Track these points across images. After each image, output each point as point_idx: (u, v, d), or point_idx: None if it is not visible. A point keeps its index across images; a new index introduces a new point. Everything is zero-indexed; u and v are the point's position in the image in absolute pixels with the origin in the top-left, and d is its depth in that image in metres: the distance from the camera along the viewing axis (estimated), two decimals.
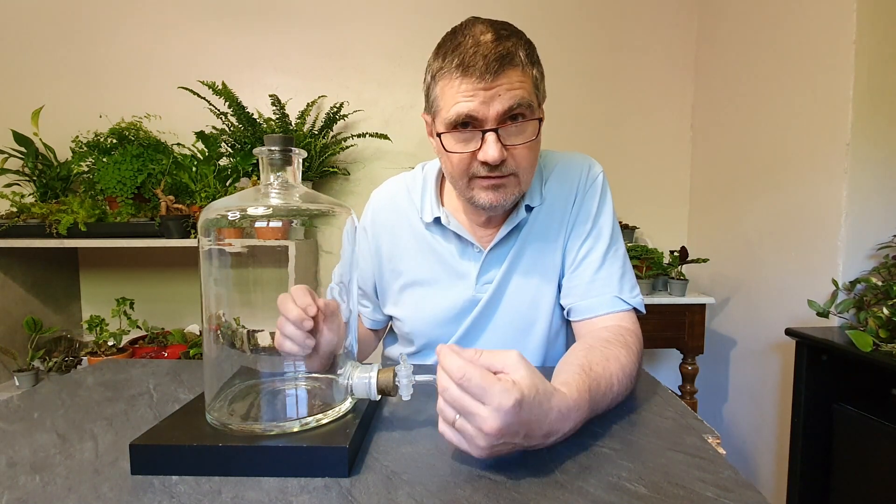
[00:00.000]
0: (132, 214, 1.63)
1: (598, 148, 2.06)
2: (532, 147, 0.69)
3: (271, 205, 0.50)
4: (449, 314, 0.82)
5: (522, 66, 0.66)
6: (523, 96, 0.65)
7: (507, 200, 0.71)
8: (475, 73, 0.63)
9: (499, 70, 0.63)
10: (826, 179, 1.38)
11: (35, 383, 1.62)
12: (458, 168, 0.70)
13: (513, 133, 0.67)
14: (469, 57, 0.64)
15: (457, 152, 0.68)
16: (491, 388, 0.43)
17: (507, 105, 0.64)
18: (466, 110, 0.65)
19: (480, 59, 0.63)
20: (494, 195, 0.70)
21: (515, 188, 0.71)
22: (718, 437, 0.52)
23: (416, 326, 0.85)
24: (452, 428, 0.45)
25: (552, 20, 2.01)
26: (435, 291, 0.83)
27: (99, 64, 1.91)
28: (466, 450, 0.45)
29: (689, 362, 1.76)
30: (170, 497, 0.41)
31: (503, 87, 0.64)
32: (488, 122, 0.65)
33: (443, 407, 0.45)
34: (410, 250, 0.84)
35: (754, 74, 1.70)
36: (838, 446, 1.24)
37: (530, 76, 0.67)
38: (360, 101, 1.96)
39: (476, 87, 0.64)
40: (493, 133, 0.65)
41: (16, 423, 0.56)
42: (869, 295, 1.26)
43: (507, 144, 0.67)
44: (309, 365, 0.55)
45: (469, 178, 0.71)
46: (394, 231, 0.85)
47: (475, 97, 0.64)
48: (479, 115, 0.65)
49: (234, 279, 0.51)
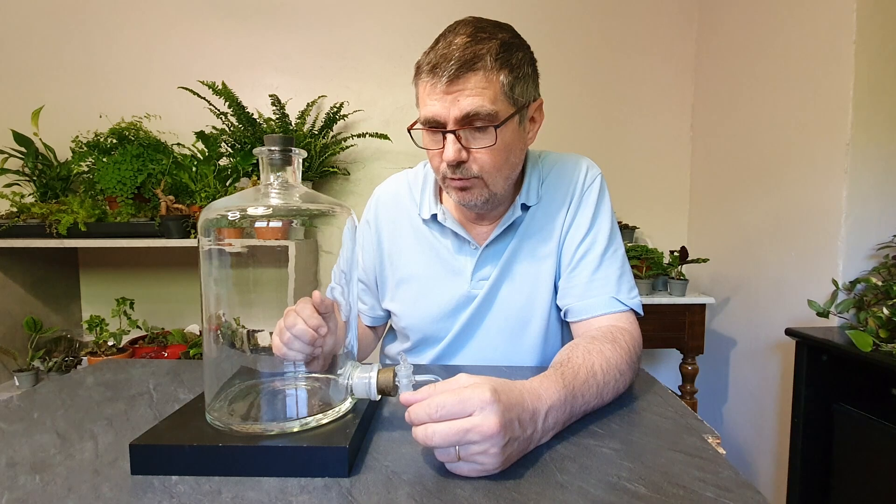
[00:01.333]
0: (132, 214, 1.63)
1: (598, 148, 2.06)
2: (495, 151, 0.69)
3: (271, 205, 0.50)
4: (444, 310, 0.83)
5: (486, 71, 0.66)
6: (482, 104, 0.65)
7: (475, 201, 0.73)
8: (439, 75, 0.66)
9: (458, 74, 0.65)
10: (826, 179, 1.38)
11: (35, 383, 1.62)
12: (433, 164, 0.74)
13: (475, 136, 0.68)
14: (438, 58, 0.66)
15: (428, 149, 0.73)
16: (465, 396, 0.43)
17: (463, 111, 0.65)
18: (431, 113, 0.67)
19: (445, 62, 0.65)
20: (462, 195, 0.73)
21: (483, 190, 0.72)
22: (718, 437, 0.52)
23: (411, 321, 0.86)
24: (461, 462, 0.44)
25: (552, 20, 2.01)
26: (430, 286, 0.83)
27: (99, 64, 1.91)
28: (486, 470, 0.44)
29: (689, 362, 1.76)
30: (170, 497, 0.41)
31: (462, 92, 0.65)
32: (448, 124, 0.67)
33: (440, 453, 0.44)
34: (409, 245, 0.85)
35: (754, 74, 1.70)
36: (838, 446, 1.24)
37: (496, 81, 0.66)
38: (360, 101, 1.96)
39: (439, 89, 0.66)
40: (452, 135, 0.67)
41: (16, 423, 0.56)
42: (869, 295, 1.26)
43: (468, 147, 0.69)
44: (309, 367, 0.56)
45: (442, 175, 0.73)
46: (395, 226, 0.87)
47: (439, 100, 0.67)
48: (440, 117, 0.67)
49: (234, 279, 0.51)
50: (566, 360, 0.60)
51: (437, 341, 0.85)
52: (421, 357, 0.88)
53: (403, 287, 0.86)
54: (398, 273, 0.86)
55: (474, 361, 0.84)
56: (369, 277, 0.91)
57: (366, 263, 0.90)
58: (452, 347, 0.84)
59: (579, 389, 0.55)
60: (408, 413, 0.45)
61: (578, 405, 0.55)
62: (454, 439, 0.43)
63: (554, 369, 0.57)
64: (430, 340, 0.86)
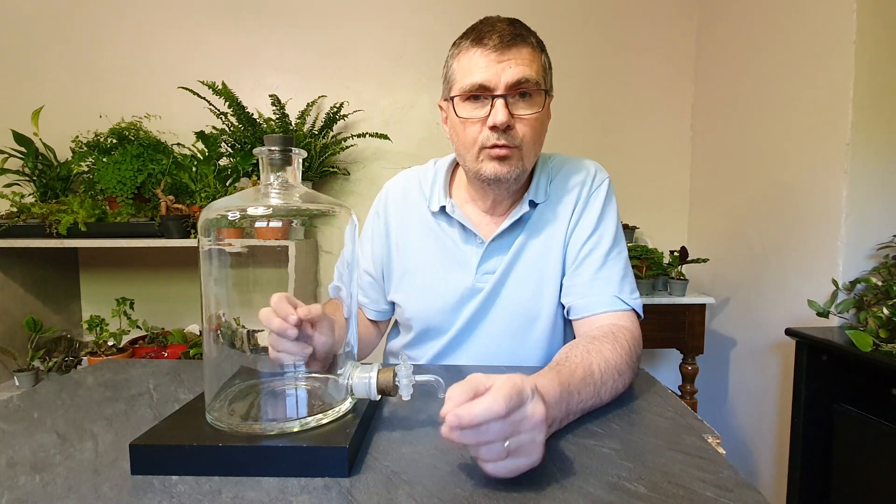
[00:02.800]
0: (132, 214, 1.63)
1: (598, 148, 2.06)
2: (537, 122, 0.74)
3: (271, 205, 0.50)
4: (448, 301, 0.83)
5: (532, 48, 0.72)
6: (533, 72, 0.71)
7: (511, 174, 0.74)
8: (489, 45, 0.70)
9: (511, 43, 0.70)
10: (826, 179, 1.38)
11: (35, 383, 1.62)
12: (468, 137, 0.74)
13: (520, 104, 0.72)
14: (485, 33, 0.71)
15: (468, 117, 0.73)
16: (502, 394, 0.41)
17: (517, 76, 0.70)
18: (480, 79, 0.70)
19: (496, 34, 0.70)
20: (499, 166, 0.73)
21: (519, 162, 0.74)
22: (718, 437, 0.52)
23: (415, 312, 0.87)
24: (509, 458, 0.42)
25: (552, 20, 2.00)
26: (435, 277, 0.84)
27: (99, 64, 1.91)
28: (532, 463, 0.43)
29: (689, 362, 1.76)
30: (169, 497, 0.41)
31: (514, 59, 0.70)
32: (499, 89, 0.70)
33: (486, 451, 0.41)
34: (416, 237, 0.87)
35: (754, 74, 1.70)
36: (838, 446, 1.24)
37: (540, 59, 0.74)
38: (360, 101, 1.96)
39: (489, 57, 0.70)
40: (503, 99, 0.70)
41: (16, 423, 0.56)
42: (869, 295, 1.26)
43: (514, 114, 0.71)
44: (309, 366, 0.56)
45: (478, 148, 0.74)
46: (404, 218, 0.89)
47: (488, 68, 0.70)
48: (490, 83, 0.70)
49: (233, 279, 0.51)
50: (564, 360, 0.60)
51: (440, 334, 0.85)
52: (424, 351, 0.88)
53: (408, 277, 0.87)
54: (404, 264, 0.87)
55: (478, 358, 0.84)
56: (377, 269, 0.91)
57: (374, 254, 0.91)
58: (456, 342, 0.85)
59: (576, 387, 0.55)
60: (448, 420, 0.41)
61: (575, 403, 0.55)
62: (509, 431, 0.41)
63: (551, 367, 0.58)
64: (434, 333, 0.86)
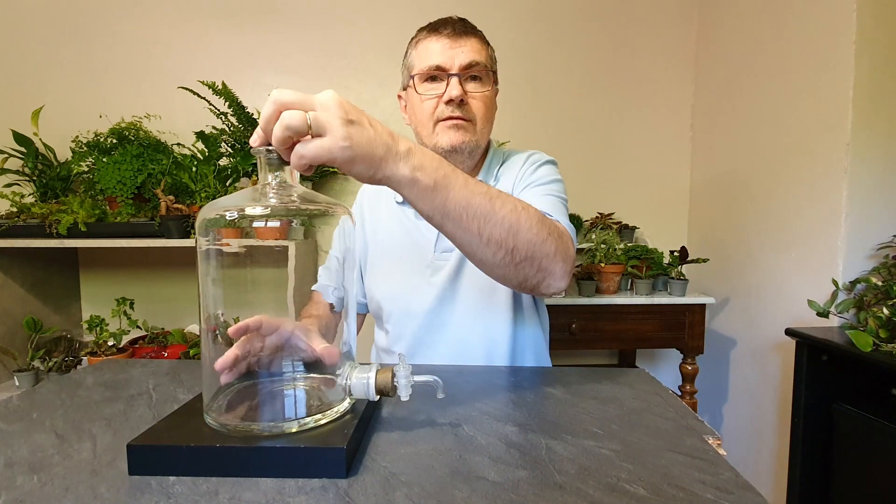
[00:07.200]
0: (132, 214, 1.63)
1: (598, 148, 2.06)
2: (488, 99, 0.85)
3: (269, 204, 0.50)
4: (412, 281, 0.88)
5: (479, 40, 0.85)
6: (482, 58, 0.83)
7: (466, 144, 0.84)
8: (444, 34, 0.82)
9: (463, 33, 0.83)
10: (826, 179, 1.38)
11: (35, 383, 1.62)
12: (426, 112, 0.84)
13: (472, 84, 0.84)
14: (440, 25, 0.84)
15: (426, 94, 0.84)
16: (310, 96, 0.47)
17: (468, 59, 0.82)
18: (437, 61, 0.82)
19: (449, 26, 0.83)
20: (455, 134, 0.83)
21: (473, 135, 0.84)
22: (719, 439, 0.52)
23: (384, 294, 0.91)
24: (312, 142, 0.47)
25: (552, 20, 2.00)
26: (399, 258, 0.91)
27: (99, 64, 1.91)
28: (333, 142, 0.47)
29: (689, 362, 1.75)
30: (167, 497, 0.41)
31: (466, 46, 0.82)
32: (453, 69, 0.82)
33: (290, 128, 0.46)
34: (384, 225, 0.96)
35: (754, 74, 1.70)
36: (838, 446, 1.24)
37: (486, 50, 0.85)
38: (360, 101, 1.96)
39: (444, 43, 0.82)
40: (456, 77, 0.81)
41: (15, 423, 0.56)
42: (869, 295, 1.26)
43: (466, 91, 0.82)
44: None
45: (434, 121, 0.84)
46: (374, 208, 0.98)
47: (443, 52, 0.82)
48: (445, 65, 0.82)
49: (231, 279, 0.51)
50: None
51: (413, 317, 0.88)
52: (402, 334, 0.90)
53: (377, 262, 0.94)
54: (375, 249, 0.95)
55: (455, 337, 0.87)
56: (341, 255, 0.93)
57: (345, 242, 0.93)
58: (430, 323, 0.87)
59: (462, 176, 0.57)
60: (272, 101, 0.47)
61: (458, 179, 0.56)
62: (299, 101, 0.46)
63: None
64: (407, 318, 0.89)
